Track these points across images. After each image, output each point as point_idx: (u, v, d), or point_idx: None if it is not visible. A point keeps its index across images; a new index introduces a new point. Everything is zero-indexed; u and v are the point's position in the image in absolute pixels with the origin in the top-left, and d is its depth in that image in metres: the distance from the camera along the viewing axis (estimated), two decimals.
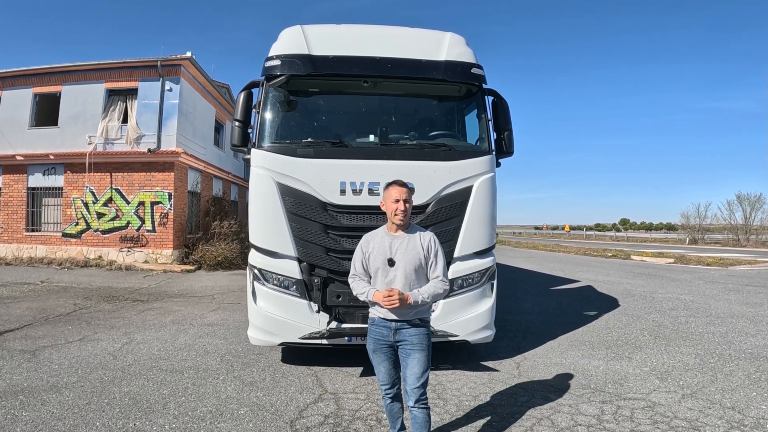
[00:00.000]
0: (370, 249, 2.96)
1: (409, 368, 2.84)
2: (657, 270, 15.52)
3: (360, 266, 3.00)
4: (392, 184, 2.97)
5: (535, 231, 70.42)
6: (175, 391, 4.16)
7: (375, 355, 2.94)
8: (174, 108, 15.06)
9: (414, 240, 2.92)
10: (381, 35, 4.96)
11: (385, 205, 2.98)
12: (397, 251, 2.89)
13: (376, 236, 2.99)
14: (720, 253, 23.62)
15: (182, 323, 6.93)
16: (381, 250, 2.91)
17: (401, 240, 2.92)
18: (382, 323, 2.89)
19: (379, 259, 2.90)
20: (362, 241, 3.03)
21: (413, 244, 2.90)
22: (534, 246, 31.90)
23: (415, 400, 2.82)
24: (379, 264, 2.90)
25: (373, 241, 2.97)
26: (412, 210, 4.42)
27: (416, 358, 2.83)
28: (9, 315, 7.23)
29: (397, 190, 2.91)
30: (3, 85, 15.78)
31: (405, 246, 2.89)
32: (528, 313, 7.98)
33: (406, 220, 2.93)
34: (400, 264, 2.86)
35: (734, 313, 7.99)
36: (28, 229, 15.23)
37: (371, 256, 2.94)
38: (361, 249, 3.00)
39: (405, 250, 2.88)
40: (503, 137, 4.95)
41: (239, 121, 4.73)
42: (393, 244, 2.91)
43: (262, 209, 4.54)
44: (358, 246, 3.04)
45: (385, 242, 2.93)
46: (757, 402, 4.02)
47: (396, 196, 2.90)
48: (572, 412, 3.80)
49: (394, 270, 2.87)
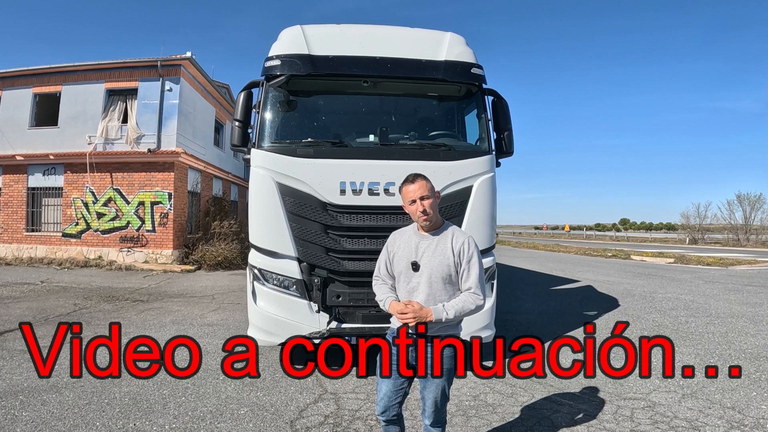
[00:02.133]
0: (395, 248, 2.58)
1: (427, 390, 2.51)
2: (657, 270, 15.53)
3: (384, 268, 2.62)
4: (404, 184, 2.53)
5: (535, 231, 70.39)
6: (175, 391, 4.16)
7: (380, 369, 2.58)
8: (174, 108, 15.06)
9: (444, 242, 2.48)
10: (381, 35, 4.96)
11: (404, 206, 2.56)
12: (423, 254, 2.48)
13: (404, 234, 2.61)
14: (720, 253, 23.63)
15: (182, 323, 6.93)
16: (406, 251, 2.52)
17: (429, 242, 2.50)
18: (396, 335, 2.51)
19: (403, 261, 2.51)
20: (389, 239, 2.66)
21: (442, 247, 2.47)
22: (534, 246, 31.90)
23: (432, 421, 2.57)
24: (402, 267, 2.52)
25: (399, 240, 2.59)
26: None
27: (436, 382, 2.48)
28: (9, 315, 7.22)
29: (410, 189, 2.47)
30: (3, 85, 15.79)
31: (433, 249, 2.47)
32: (528, 313, 7.98)
33: (432, 220, 2.48)
34: (424, 269, 2.45)
35: (734, 313, 7.99)
36: (28, 229, 15.24)
37: (395, 257, 2.56)
38: (386, 248, 2.63)
39: (432, 254, 2.46)
40: (503, 137, 4.95)
41: (239, 121, 4.73)
42: (420, 246, 2.51)
43: (262, 209, 4.54)
44: (385, 244, 2.67)
45: (412, 242, 2.53)
46: (757, 402, 4.02)
47: (411, 196, 2.46)
48: (572, 412, 3.80)
49: (417, 276, 2.47)
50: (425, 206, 2.44)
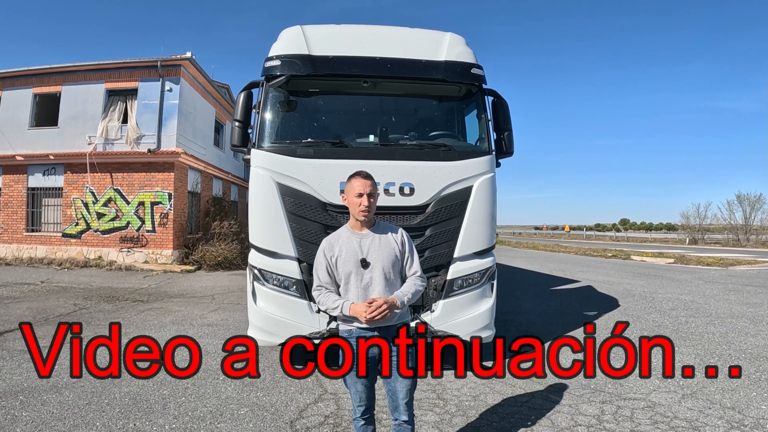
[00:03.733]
0: (336, 253, 2.62)
1: (399, 381, 2.57)
2: (657, 270, 15.53)
3: (325, 275, 2.64)
4: (355, 176, 2.63)
5: (535, 231, 70.41)
6: (175, 391, 4.16)
7: (353, 371, 2.58)
8: (174, 108, 15.06)
9: (386, 237, 2.65)
10: (381, 35, 4.96)
11: (347, 199, 2.66)
12: (369, 250, 2.60)
13: (340, 237, 2.67)
14: (720, 253, 23.63)
15: (182, 323, 6.93)
16: (350, 251, 2.59)
17: (371, 238, 2.63)
18: (361, 334, 2.55)
19: (350, 261, 2.58)
20: (323, 246, 2.67)
21: (386, 240, 2.64)
22: (534, 246, 31.90)
23: (408, 414, 2.61)
24: (351, 267, 2.58)
25: (337, 244, 2.64)
26: (413, 210, 4.49)
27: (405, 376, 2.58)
28: (9, 315, 7.23)
29: (360, 183, 2.58)
30: (3, 85, 15.79)
31: (378, 243, 2.62)
32: (528, 314, 7.98)
33: (370, 215, 2.63)
34: (376, 264, 2.57)
35: (734, 313, 7.99)
36: (28, 229, 15.24)
37: (339, 260, 2.60)
38: (324, 255, 2.64)
39: (379, 248, 2.60)
40: (503, 137, 4.96)
41: (239, 122, 4.73)
42: (363, 243, 2.62)
43: (262, 209, 4.54)
44: (318, 252, 2.68)
45: (353, 242, 2.62)
46: (757, 402, 4.02)
47: (359, 189, 2.57)
48: (572, 412, 3.80)
49: (369, 271, 2.57)
50: (370, 202, 2.59)
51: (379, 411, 3.43)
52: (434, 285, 4.58)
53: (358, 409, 2.65)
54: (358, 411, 2.66)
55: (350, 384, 2.64)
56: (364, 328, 2.55)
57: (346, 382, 2.67)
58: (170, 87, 15.12)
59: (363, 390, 2.61)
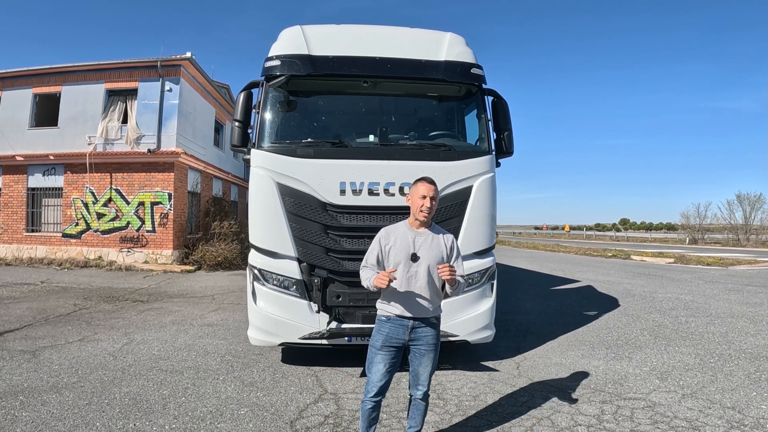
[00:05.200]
0: (390, 242, 2.91)
1: (423, 365, 2.91)
2: (657, 270, 15.53)
3: (374, 259, 2.93)
4: (421, 180, 2.93)
5: (535, 231, 70.36)
6: (175, 392, 4.16)
7: (381, 352, 2.86)
8: (174, 108, 15.06)
9: (438, 238, 2.93)
10: (381, 35, 4.96)
11: (411, 200, 2.95)
12: (420, 247, 2.88)
13: (398, 230, 2.95)
14: (720, 253, 23.63)
15: (182, 323, 6.93)
16: (404, 244, 2.89)
17: (425, 237, 2.92)
18: (398, 321, 2.86)
19: (402, 253, 2.87)
20: (381, 234, 2.97)
21: (437, 242, 2.92)
22: (534, 246, 31.90)
23: (423, 393, 2.95)
24: (401, 258, 2.86)
25: (394, 235, 2.93)
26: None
27: (431, 357, 2.91)
28: (9, 315, 7.23)
29: (425, 187, 2.89)
30: (3, 85, 15.78)
31: (429, 243, 2.90)
32: (528, 313, 7.98)
33: (430, 217, 2.92)
34: (424, 260, 2.86)
35: (734, 312, 7.99)
36: (28, 229, 15.23)
37: (392, 249, 2.89)
38: (379, 242, 2.94)
39: (429, 247, 2.89)
40: (503, 137, 4.96)
41: (239, 122, 4.73)
42: (417, 240, 2.90)
43: (262, 209, 4.54)
44: (375, 239, 2.97)
45: (408, 237, 2.91)
46: (757, 402, 4.02)
47: (423, 192, 2.87)
48: (572, 412, 3.80)
49: (416, 265, 2.86)
50: (432, 205, 2.87)
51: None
52: None
53: (371, 390, 2.87)
54: (370, 392, 2.87)
55: (373, 364, 2.89)
56: (400, 315, 2.85)
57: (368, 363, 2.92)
58: (170, 87, 15.11)
59: (383, 372, 2.86)
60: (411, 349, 2.91)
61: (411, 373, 2.99)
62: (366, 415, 2.92)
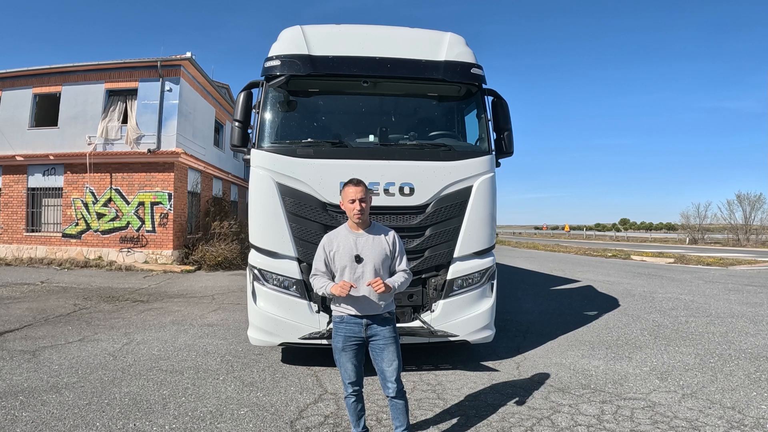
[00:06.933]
0: (334, 248, 3.01)
1: (385, 361, 2.96)
2: (657, 270, 15.52)
3: (322, 265, 3.04)
4: (348, 184, 3.00)
5: (535, 231, 70.37)
6: (175, 392, 4.16)
7: (344, 353, 2.98)
8: (174, 108, 15.06)
9: (379, 238, 3.02)
10: (381, 35, 4.96)
11: (343, 204, 3.03)
12: (363, 248, 2.97)
13: (339, 234, 3.05)
14: (720, 253, 23.63)
15: (182, 323, 6.93)
16: (347, 247, 2.98)
17: (366, 238, 3.00)
18: (352, 320, 2.97)
19: (346, 256, 2.96)
20: (324, 241, 3.08)
21: (378, 241, 3.00)
22: (534, 246, 31.89)
23: (395, 390, 2.96)
24: (345, 261, 2.96)
25: (336, 240, 3.03)
26: (413, 210, 4.48)
27: (391, 350, 2.97)
28: (9, 315, 7.23)
29: (353, 190, 2.95)
30: (3, 85, 15.78)
31: (371, 243, 2.99)
32: (528, 313, 7.98)
33: (364, 219, 3.00)
34: (368, 260, 2.95)
35: (734, 312, 7.99)
36: (28, 229, 15.23)
37: (336, 254, 3.00)
38: (324, 249, 3.05)
39: (372, 247, 2.98)
40: (503, 137, 4.96)
41: (239, 122, 4.73)
42: (358, 242, 2.99)
43: (262, 209, 4.54)
44: (319, 246, 3.08)
45: (350, 240, 3.00)
46: (757, 402, 4.02)
47: (352, 196, 2.94)
48: (572, 412, 3.80)
49: (362, 266, 2.95)
50: (362, 207, 2.95)
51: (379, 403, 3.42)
52: (434, 285, 4.58)
53: (348, 386, 3.02)
54: (348, 388, 3.03)
55: (340, 364, 3.02)
56: (353, 315, 2.96)
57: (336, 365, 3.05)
58: (170, 87, 15.11)
59: (351, 369, 2.99)
60: (370, 345, 2.99)
61: (378, 374, 3.03)
62: (352, 408, 3.07)
